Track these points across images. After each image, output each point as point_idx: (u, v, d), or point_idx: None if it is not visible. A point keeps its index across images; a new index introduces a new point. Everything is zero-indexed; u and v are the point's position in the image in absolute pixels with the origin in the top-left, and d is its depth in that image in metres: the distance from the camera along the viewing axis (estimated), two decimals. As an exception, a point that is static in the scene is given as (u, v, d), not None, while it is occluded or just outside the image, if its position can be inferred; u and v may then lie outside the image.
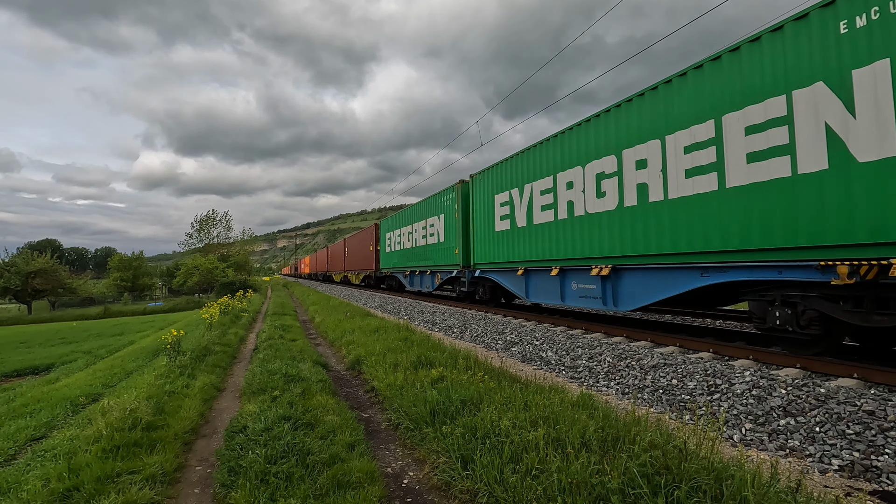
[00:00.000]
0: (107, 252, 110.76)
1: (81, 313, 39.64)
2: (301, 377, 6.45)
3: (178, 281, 49.40)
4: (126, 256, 57.24)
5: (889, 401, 3.97)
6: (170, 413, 5.18)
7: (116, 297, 52.57)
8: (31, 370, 15.40)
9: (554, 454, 3.22)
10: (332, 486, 3.38)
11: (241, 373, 7.93)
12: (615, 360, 6.41)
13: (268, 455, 3.78)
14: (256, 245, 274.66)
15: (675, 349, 6.68)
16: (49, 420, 6.58)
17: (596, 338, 7.86)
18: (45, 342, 22.36)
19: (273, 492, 3.28)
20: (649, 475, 2.77)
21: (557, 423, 3.73)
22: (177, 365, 7.39)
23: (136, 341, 18.42)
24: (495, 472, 3.19)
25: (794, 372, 5.07)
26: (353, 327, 11.05)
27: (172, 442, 4.44)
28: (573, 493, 2.77)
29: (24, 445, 5.62)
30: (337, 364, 8.66)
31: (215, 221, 52.30)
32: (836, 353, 5.68)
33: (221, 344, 10.02)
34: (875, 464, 3.37)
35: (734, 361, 5.78)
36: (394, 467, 4.02)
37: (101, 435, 4.28)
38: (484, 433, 3.75)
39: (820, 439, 3.79)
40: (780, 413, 4.23)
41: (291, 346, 9.44)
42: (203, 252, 50.42)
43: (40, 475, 3.69)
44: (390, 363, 6.76)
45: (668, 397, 5.13)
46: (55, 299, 48.02)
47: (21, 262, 44.90)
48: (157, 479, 3.64)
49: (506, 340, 8.85)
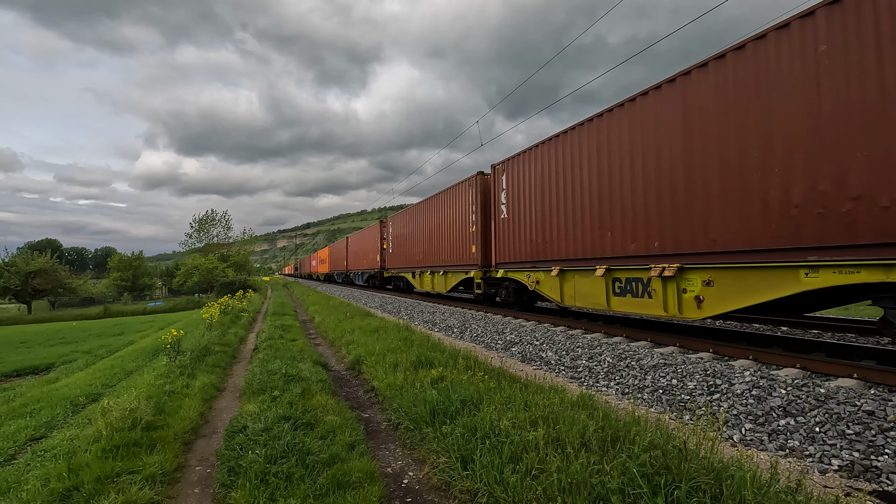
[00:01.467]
0: (107, 252, 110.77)
1: (81, 313, 39.64)
2: (301, 377, 6.45)
3: (178, 281, 49.42)
4: (126, 256, 57.25)
5: (889, 401, 3.97)
6: (170, 413, 5.18)
7: (116, 297, 52.58)
8: (31, 370, 15.42)
9: (554, 454, 3.22)
10: (332, 486, 3.38)
11: (241, 373, 7.93)
12: (615, 361, 6.41)
13: (268, 455, 3.78)
14: (256, 245, 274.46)
15: (675, 349, 6.68)
16: (49, 420, 6.58)
17: (596, 338, 7.85)
18: (45, 342, 22.36)
19: (273, 492, 3.29)
20: (649, 475, 2.77)
21: (557, 423, 3.73)
22: (177, 365, 7.39)
23: (136, 341, 18.42)
24: (495, 472, 3.19)
25: (794, 372, 5.07)
26: (352, 327, 11.05)
27: (172, 442, 4.44)
28: (573, 493, 2.77)
29: (23, 445, 5.63)
30: (337, 364, 8.66)
31: (214, 221, 52.34)
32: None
33: (221, 344, 10.02)
34: (875, 464, 3.37)
35: (734, 361, 5.78)
36: (394, 467, 4.02)
37: (101, 435, 4.28)
38: (484, 433, 3.75)
39: (820, 439, 3.79)
40: (779, 413, 4.23)
41: (291, 346, 9.44)
42: (203, 252, 50.45)
43: (40, 475, 3.69)
44: (390, 363, 6.76)
45: (667, 397, 5.13)
46: (55, 299, 48.01)
47: (21, 262, 44.88)
48: (156, 479, 3.64)
49: (506, 340, 8.85)
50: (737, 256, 5.86)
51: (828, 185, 4.93)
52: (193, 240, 51.49)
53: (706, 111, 6.23)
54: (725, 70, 5.98)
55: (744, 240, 5.75)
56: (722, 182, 5.99)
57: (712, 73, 6.15)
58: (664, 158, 6.89)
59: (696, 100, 6.38)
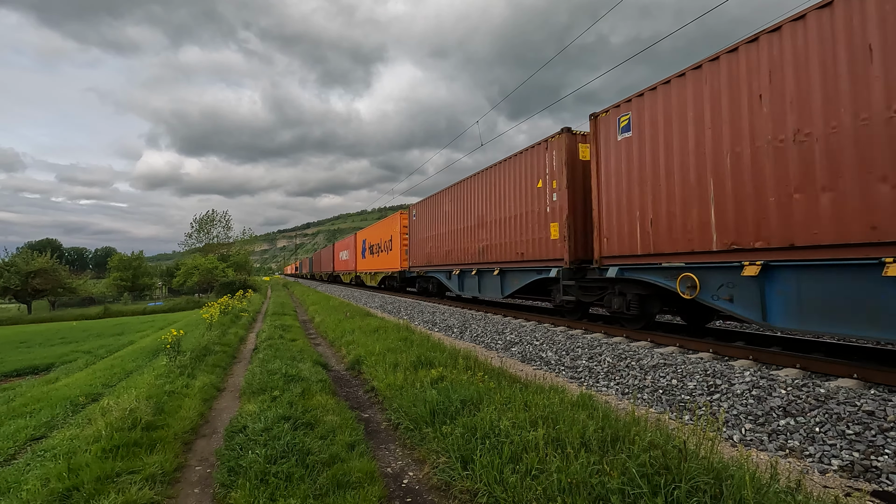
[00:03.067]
0: (107, 252, 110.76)
1: (81, 313, 39.65)
2: (301, 377, 6.44)
3: (178, 281, 49.45)
4: (126, 256, 57.25)
5: (889, 401, 3.97)
6: (170, 413, 5.18)
7: (116, 297, 52.58)
8: (31, 370, 15.41)
9: (554, 454, 3.22)
10: (332, 486, 3.38)
11: (240, 373, 7.93)
12: (615, 361, 6.41)
13: (268, 455, 3.78)
14: (256, 245, 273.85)
15: (675, 349, 6.68)
16: (49, 420, 6.58)
17: (596, 338, 7.85)
18: (45, 342, 22.36)
19: (273, 492, 3.28)
20: (649, 475, 2.76)
21: (557, 424, 3.73)
22: (177, 365, 7.39)
23: (136, 341, 18.42)
24: (495, 472, 3.19)
25: (794, 372, 5.07)
26: (352, 327, 11.05)
27: (172, 442, 4.44)
28: (573, 493, 2.77)
29: (23, 445, 5.62)
30: (337, 364, 8.66)
31: (214, 221, 52.39)
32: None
33: (221, 344, 10.02)
34: (875, 464, 3.37)
35: (734, 361, 5.78)
36: (393, 467, 4.02)
37: (101, 435, 4.28)
38: (484, 433, 3.75)
39: (820, 439, 3.79)
40: (779, 413, 4.23)
41: (291, 346, 9.44)
42: (203, 252, 50.48)
43: (40, 475, 3.69)
44: (390, 363, 6.76)
45: (667, 397, 5.13)
46: (55, 299, 48.00)
47: (21, 262, 44.89)
48: (156, 479, 3.64)
49: (506, 340, 8.85)
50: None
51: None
52: (193, 240, 51.58)
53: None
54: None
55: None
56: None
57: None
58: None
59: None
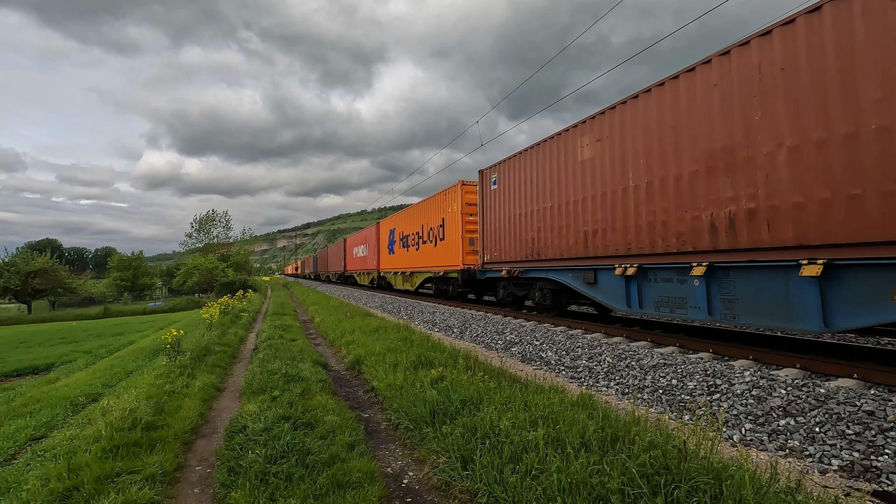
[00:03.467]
0: (107, 252, 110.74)
1: (81, 313, 39.63)
2: (301, 377, 6.44)
3: (178, 281, 49.43)
4: (126, 256, 57.21)
5: (889, 401, 3.97)
6: (170, 413, 5.18)
7: (116, 297, 52.57)
8: (31, 370, 15.41)
9: (554, 454, 3.22)
10: (332, 486, 3.38)
11: (240, 373, 7.93)
12: (615, 361, 6.41)
13: (268, 455, 3.78)
14: (256, 245, 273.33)
15: (675, 349, 6.68)
16: (49, 420, 6.57)
17: (596, 338, 7.85)
18: (45, 342, 22.35)
19: (273, 492, 3.28)
20: (649, 475, 2.76)
21: (557, 424, 3.73)
22: (177, 365, 7.39)
23: (136, 341, 18.41)
24: (495, 472, 3.19)
25: (794, 372, 5.07)
26: (352, 327, 11.05)
27: (172, 442, 4.44)
28: (573, 493, 2.77)
29: (23, 445, 5.62)
30: (337, 364, 8.66)
31: (214, 221, 52.41)
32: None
33: (221, 344, 10.02)
34: (875, 464, 3.37)
35: (734, 361, 5.78)
36: (393, 467, 4.02)
37: (101, 435, 4.28)
38: (484, 433, 3.75)
39: (820, 439, 3.79)
40: (779, 413, 4.23)
41: (291, 346, 9.44)
42: (203, 252, 50.49)
43: (40, 475, 3.69)
44: (390, 363, 6.76)
45: (667, 397, 5.13)
46: (55, 299, 48.00)
47: (21, 262, 44.88)
48: (156, 479, 3.64)
49: (506, 340, 8.85)
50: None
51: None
52: (194, 240, 51.60)
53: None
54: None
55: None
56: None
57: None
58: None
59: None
